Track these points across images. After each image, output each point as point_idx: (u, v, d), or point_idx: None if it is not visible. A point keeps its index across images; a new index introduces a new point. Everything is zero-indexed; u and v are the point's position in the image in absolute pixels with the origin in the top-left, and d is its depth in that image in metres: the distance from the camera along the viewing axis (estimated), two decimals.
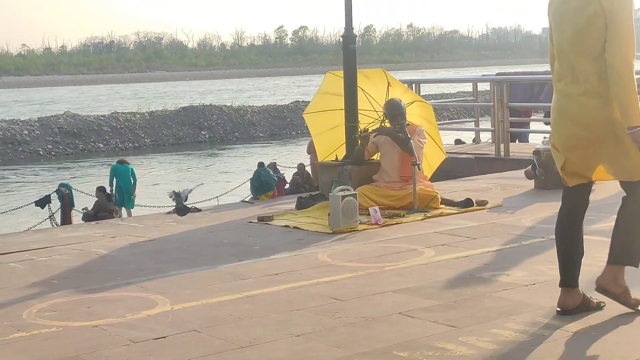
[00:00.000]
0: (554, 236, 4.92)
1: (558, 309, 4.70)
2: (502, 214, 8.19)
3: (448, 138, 16.84)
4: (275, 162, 18.33)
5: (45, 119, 35.23)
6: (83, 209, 15.37)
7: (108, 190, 16.56)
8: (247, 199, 11.00)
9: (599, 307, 4.74)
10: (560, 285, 4.74)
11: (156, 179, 25.50)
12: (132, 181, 17.00)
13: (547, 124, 16.80)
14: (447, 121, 24.96)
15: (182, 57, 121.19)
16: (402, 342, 4.39)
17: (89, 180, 23.76)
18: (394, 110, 8.87)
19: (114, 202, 16.02)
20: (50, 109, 47.07)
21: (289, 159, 24.23)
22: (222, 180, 23.71)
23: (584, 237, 4.90)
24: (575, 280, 4.73)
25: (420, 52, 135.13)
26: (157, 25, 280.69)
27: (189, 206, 9.48)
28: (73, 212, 15.84)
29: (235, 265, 6.46)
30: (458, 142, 17.68)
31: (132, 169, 17.31)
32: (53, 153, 32.63)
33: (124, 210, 16.53)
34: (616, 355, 4.06)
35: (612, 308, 4.84)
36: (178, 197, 9.26)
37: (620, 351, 4.13)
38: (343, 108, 9.65)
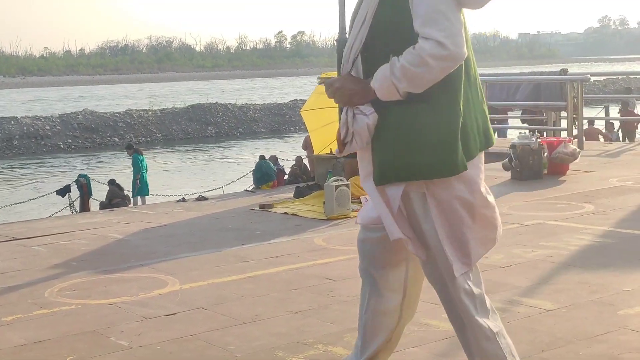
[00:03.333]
0: (529, 222, 4.92)
1: None
2: None
3: None
4: (275, 155, 18.34)
5: (65, 115, 35.15)
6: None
7: (133, 179, 16.52)
8: (249, 189, 11.02)
9: None
10: None
11: (168, 168, 25.48)
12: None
13: (523, 121, 16.83)
14: None
15: (191, 59, 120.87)
16: None
17: (106, 172, 23.73)
18: None
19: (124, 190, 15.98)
20: (71, 105, 46.95)
21: (288, 152, 24.21)
22: (228, 170, 23.69)
23: (558, 223, 4.90)
24: None
25: None
26: (167, 30, 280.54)
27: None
28: (91, 201, 15.84)
29: (239, 249, 6.46)
30: None
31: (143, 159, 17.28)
32: (73, 146, 32.59)
33: (138, 199, 16.51)
34: (583, 330, 4.08)
35: (581, 289, 4.86)
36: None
37: (587, 326, 4.14)
38: (337, 106, 9.63)
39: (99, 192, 16.37)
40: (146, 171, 16.99)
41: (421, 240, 2.84)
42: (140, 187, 16.55)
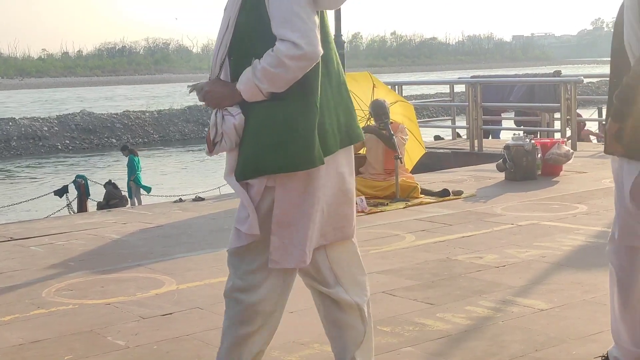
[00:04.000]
0: (522, 222, 4.93)
1: None
2: (475, 202, 8.20)
3: (428, 134, 16.84)
4: None
5: (63, 116, 35.11)
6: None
7: (128, 180, 16.49)
8: None
9: None
10: None
11: (165, 169, 25.46)
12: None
13: (518, 122, 16.83)
14: (427, 119, 24.92)
15: (188, 61, 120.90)
16: (385, 318, 4.40)
17: (103, 172, 23.71)
18: (378, 109, 8.86)
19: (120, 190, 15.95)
20: (69, 106, 46.91)
21: None
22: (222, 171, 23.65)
23: (551, 223, 4.90)
24: None
25: (403, 57, 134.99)
26: (164, 32, 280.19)
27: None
28: (88, 201, 15.82)
29: None
30: (437, 138, 17.70)
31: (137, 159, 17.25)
32: (70, 147, 32.54)
33: (135, 199, 16.47)
34: (576, 330, 4.08)
35: (575, 289, 4.87)
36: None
37: (581, 326, 4.14)
38: None
39: (97, 193, 16.35)
40: (140, 172, 16.97)
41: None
42: (138, 188, 16.52)
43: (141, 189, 16.60)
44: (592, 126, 18.70)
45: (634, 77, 3.14)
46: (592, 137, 16.69)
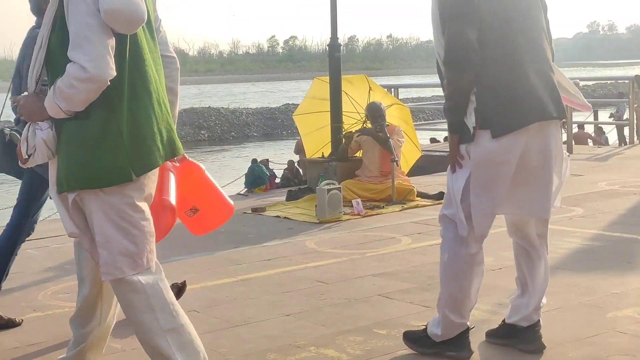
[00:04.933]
0: None
1: None
2: None
3: (424, 137, 16.86)
4: (267, 159, 18.34)
5: None
6: None
7: None
8: (242, 192, 11.01)
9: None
10: None
11: None
12: None
13: None
14: (423, 122, 24.93)
15: (184, 64, 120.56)
16: (381, 321, 4.40)
17: None
18: (374, 112, 8.87)
19: None
20: None
21: (280, 156, 24.21)
22: (220, 174, 23.67)
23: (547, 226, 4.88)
24: None
25: (399, 60, 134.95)
26: None
27: None
28: None
29: (231, 252, 6.45)
30: (433, 140, 17.73)
31: None
32: None
33: None
34: (572, 332, 4.08)
35: (571, 292, 4.87)
36: None
37: (577, 329, 4.15)
38: (329, 110, 9.65)
39: None
40: None
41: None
42: None
43: None
44: (588, 129, 18.73)
45: (448, 89, 3.56)
46: (589, 141, 16.72)
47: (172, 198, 3.33)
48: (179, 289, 4.71)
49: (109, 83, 2.92)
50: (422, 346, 3.84)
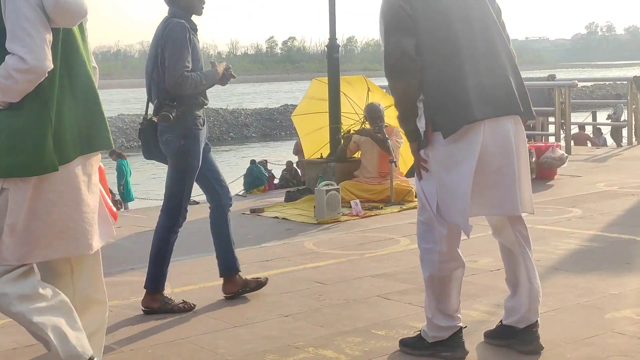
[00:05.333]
0: None
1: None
2: None
3: None
4: (266, 160, 18.34)
5: None
6: None
7: (118, 185, 16.44)
8: (240, 193, 11.00)
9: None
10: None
11: (160, 173, 25.41)
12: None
13: None
14: None
15: None
16: (380, 322, 4.40)
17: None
18: (373, 113, 8.88)
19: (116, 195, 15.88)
20: None
21: (278, 157, 24.20)
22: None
23: (546, 227, 4.91)
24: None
25: None
26: None
27: None
28: None
29: None
30: None
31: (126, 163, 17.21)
32: None
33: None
34: (570, 333, 4.09)
35: (569, 292, 4.87)
36: None
37: (575, 329, 4.15)
38: (327, 111, 9.65)
39: None
40: (130, 176, 16.93)
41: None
42: (124, 193, 16.48)
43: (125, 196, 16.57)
44: (588, 130, 18.74)
45: (394, 99, 3.68)
46: (588, 142, 16.73)
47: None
48: (258, 283, 5.02)
49: (47, 74, 3.02)
50: (417, 349, 3.87)
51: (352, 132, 9.35)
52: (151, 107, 4.95)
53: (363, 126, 9.33)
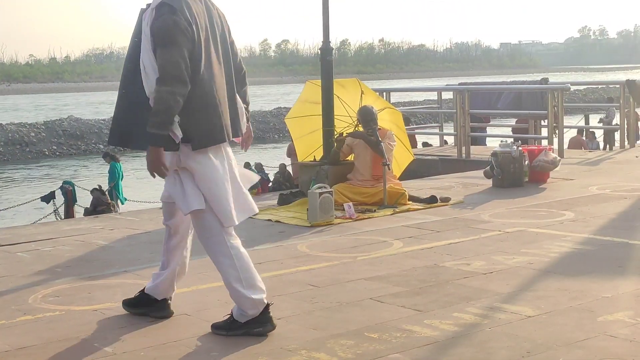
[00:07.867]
0: (510, 229, 4.94)
1: None
2: (463, 209, 8.22)
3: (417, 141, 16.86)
4: (260, 163, 18.33)
5: (50, 122, 34.98)
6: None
7: (108, 186, 16.43)
8: None
9: None
10: None
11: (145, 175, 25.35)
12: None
13: (513, 130, 16.88)
14: (415, 126, 24.99)
15: None
16: (373, 325, 4.40)
17: (90, 179, 23.61)
18: (366, 116, 8.88)
19: (108, 196, 15.86)
20: (54, 113, 46.73)
21: (271, 160, 24.19)
22: None
23: (539, 230, 4.91)
24: None
25: (391, 64, 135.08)
26: None
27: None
28: (75, 207, 15.75)
29: None
30: (425, 144, 17.75)
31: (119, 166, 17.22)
32: (57, 153, 32.41)
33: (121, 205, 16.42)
34: (563, 336, 4.09)
35: (562, 295, 4.88)
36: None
37: (567, 332, 4.15)
38: (321, 114, 9.65)
39: (84, 199, 16.28)
40: (121, 179, 16.92)
41: None
42: (114, 196, 16.48)
43: (119, 199, 16.56)
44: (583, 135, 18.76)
45: (159, 106, 4.02)
46: (583, 147, 16.75)
47: None
48: None
49: None
50: (229, 330, 4.27)
51: (345, 134, 9.35)
52: None
53: (356, 129, 9.33)
